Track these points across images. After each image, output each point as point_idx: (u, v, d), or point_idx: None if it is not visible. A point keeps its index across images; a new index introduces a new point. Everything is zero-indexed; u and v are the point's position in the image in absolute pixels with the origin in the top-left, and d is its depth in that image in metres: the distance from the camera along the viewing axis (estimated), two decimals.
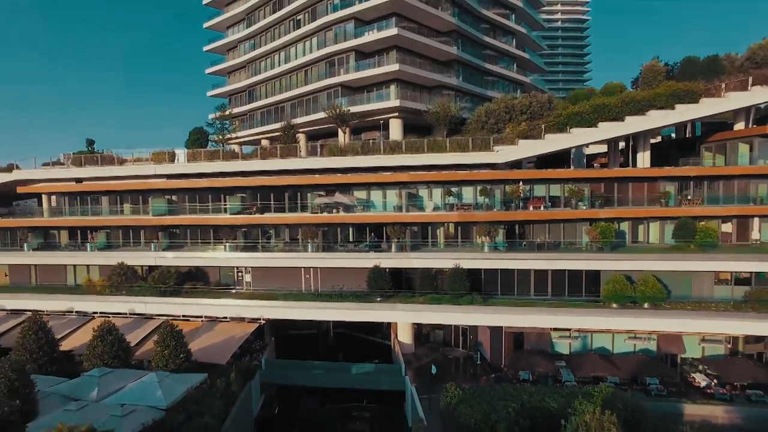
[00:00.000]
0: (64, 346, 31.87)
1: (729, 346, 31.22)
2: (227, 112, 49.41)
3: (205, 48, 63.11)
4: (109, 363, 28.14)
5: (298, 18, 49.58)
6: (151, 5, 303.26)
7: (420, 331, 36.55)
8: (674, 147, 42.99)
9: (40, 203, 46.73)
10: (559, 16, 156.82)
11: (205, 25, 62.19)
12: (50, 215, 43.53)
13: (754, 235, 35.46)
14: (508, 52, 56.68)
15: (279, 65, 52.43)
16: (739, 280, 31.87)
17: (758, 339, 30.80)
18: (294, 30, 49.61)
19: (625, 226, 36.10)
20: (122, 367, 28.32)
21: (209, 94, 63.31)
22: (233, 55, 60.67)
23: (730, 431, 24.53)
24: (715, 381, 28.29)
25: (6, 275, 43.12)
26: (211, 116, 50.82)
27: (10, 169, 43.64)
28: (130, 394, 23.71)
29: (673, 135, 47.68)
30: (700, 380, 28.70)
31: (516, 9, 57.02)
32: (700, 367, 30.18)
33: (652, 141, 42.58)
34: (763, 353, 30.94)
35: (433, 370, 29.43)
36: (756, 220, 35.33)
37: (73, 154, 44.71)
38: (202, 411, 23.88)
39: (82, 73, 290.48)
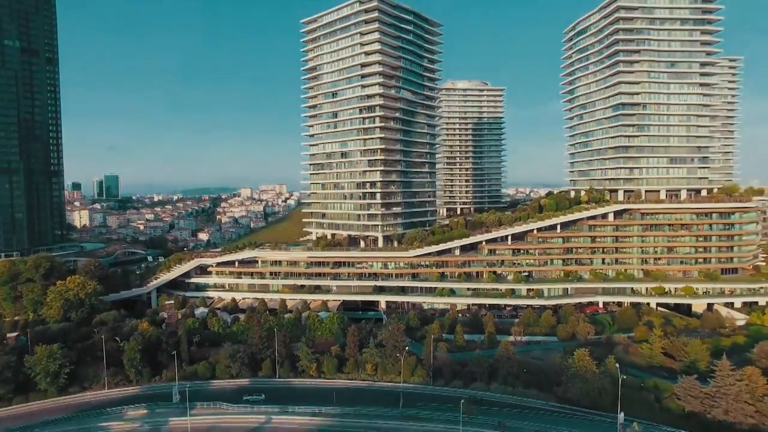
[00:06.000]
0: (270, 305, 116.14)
1: (472, 308, 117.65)
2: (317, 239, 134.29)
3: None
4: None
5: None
6: None
7: (388, 306, 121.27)
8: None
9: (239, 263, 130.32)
10: (485, 114, 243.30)
11: (302, 172, 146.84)
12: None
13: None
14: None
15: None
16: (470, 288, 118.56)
17: (474, 305, 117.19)
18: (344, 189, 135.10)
19: (448, 273, 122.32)
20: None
21: (303, 204, 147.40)
22: (313, 190, 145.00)
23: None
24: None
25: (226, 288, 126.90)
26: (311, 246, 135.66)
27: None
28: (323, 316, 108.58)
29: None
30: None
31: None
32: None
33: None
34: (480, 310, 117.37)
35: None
36: (485, 272, 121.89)
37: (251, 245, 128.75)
38: None
39: None
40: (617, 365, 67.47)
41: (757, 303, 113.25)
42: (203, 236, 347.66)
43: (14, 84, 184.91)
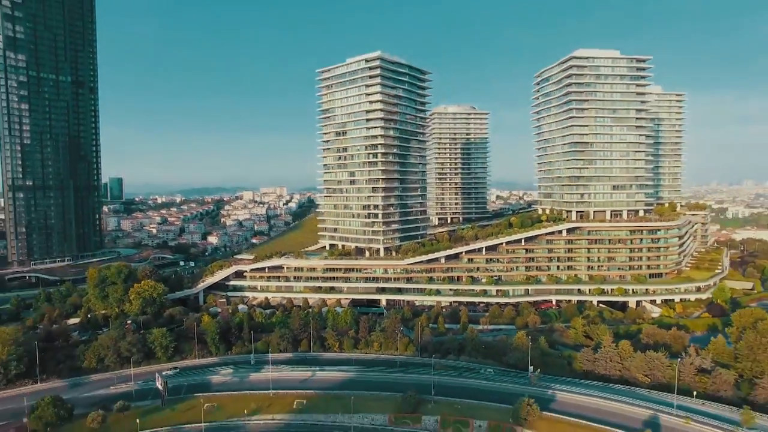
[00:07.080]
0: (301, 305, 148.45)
1: (453, 304, 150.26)
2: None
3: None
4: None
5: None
6: None
7: (388, 302, 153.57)
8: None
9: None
10: (472, 135, 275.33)
11: (317, 195, 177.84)
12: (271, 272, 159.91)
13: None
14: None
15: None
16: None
17: (455, 302, 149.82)
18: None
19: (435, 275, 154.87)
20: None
21: (319, 230, 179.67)
22: (327, 209, 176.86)
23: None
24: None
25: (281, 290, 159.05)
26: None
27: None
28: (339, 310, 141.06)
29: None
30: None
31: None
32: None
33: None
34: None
35: None
36: (464, 276, 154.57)
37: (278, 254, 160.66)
38: None
39: None
40: (547, 343, 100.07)
41: (673, 300, 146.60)
42: (212, 239, 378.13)
43: (66, 113, 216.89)
